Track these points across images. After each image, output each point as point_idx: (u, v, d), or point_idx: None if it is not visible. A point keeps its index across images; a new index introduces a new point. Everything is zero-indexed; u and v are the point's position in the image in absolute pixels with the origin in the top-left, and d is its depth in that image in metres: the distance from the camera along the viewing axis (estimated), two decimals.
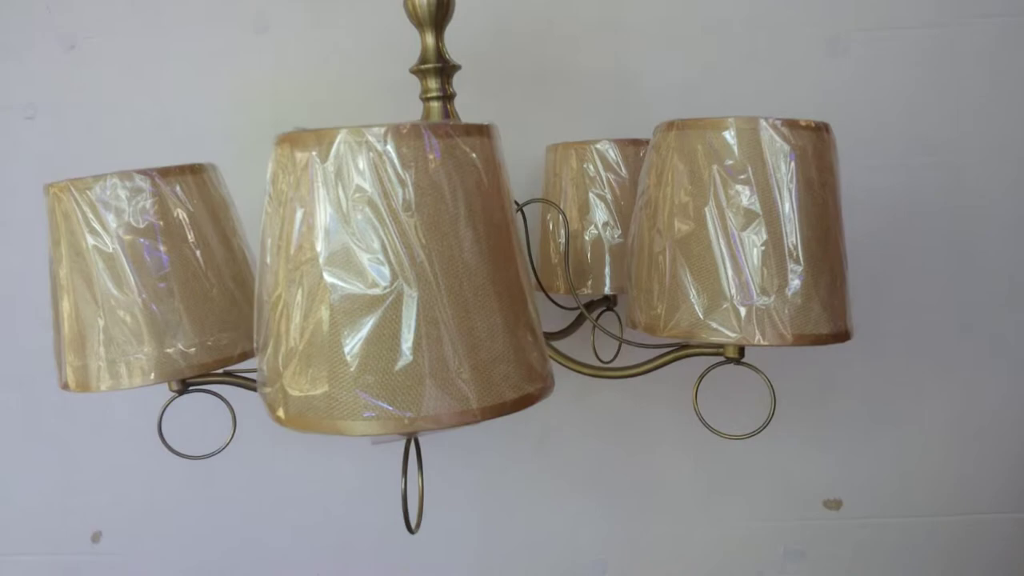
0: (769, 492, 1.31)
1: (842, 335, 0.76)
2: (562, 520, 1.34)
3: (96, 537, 1.37)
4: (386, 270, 0.54)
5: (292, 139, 0.56)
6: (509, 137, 1.23)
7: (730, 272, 0.73)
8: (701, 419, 0.83)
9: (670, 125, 0.78)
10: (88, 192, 0.76)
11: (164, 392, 0.82)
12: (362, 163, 0.54)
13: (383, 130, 0.54)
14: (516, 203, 1.00)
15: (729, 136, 0.73)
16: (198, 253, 0.80)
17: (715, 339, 0.73)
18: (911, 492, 1.32)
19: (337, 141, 0.54)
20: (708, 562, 1.35)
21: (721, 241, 0.73)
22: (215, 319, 0.80)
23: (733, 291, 0.73)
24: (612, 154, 1.04)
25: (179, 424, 0.90)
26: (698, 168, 0.74)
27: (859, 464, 1.31)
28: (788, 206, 0.73)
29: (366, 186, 0.54)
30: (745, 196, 0.73)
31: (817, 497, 1.32)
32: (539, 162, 1.16)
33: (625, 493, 1.33)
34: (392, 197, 0.54)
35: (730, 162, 0.73)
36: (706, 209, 0.74)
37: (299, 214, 0.56)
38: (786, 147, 0.73)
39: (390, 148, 0.54)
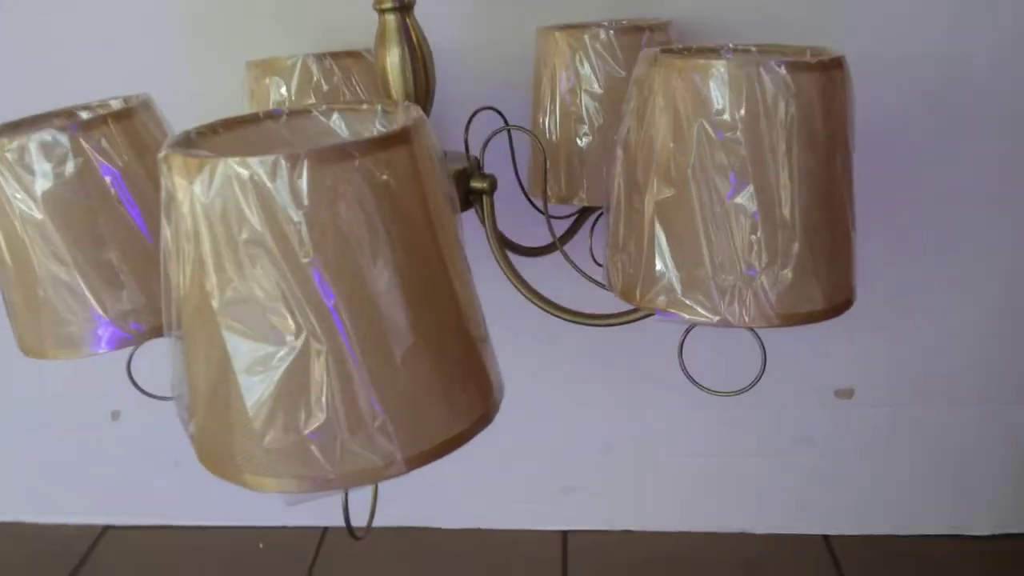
0: (779, 380, 1.27)
1: (841, 306, 0.68)
2: (565, 401, 1.33)
3: (115, 416, 1.41)
4: (288, 322, 0.47)
5: (171, 161, 0.48)
6: (498, 12, 1.10)
7: (713, 244, 0.64)
8: (688, 376, 0.77)
9: (654, 59, 0.66)
10: (4, 153, 0.69)
11: None
12: (250, 200, 0.46)
13: (269, 161, 0.45)
14: (501, 114, 0.90)
15: (717, 82, 0.62)
16: (135, 212, 0.73)
17: (693, 317, 0.66)
18: (930, 382, 1.27)
19: (217, 175, 0.46)
20: (713, 444, 1.34)
21: (705, 209, 0.63)
22: None
23: (715, 266, 0.64)
24: (608, 45, 0.91)
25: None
26: (681, 120, 0.63)
27: (875, 355, 1.25)
28: (784, 169, 0.62)
29: (256, 227, 0.46)
30: (734, 157, 0.62)
31: (829, 387, 1.28)
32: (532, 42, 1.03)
33: (629, 376, 1.30)
34: (288, 239, 0.46)
35: (718, 115, 0.62)
36: (689, 171, 0.64)
37: (187, 250, 0.49)
38: (786, 94, 0.61)
39: (280, 183, 0.45)
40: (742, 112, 0.61)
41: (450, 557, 1.38)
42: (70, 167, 0.69)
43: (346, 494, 0.59)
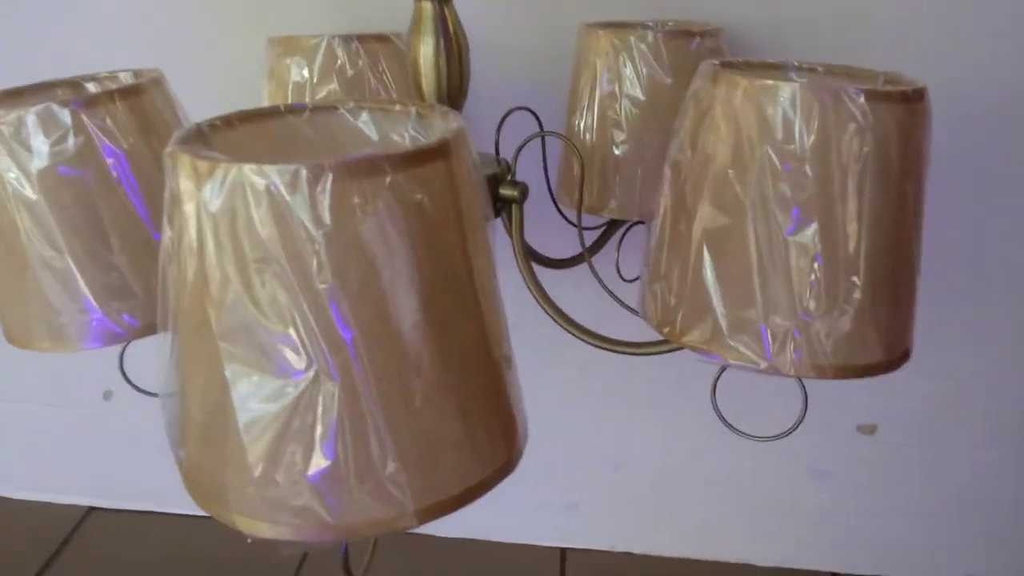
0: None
1: (898, 360, 0.62)
2: (577, 415, 1.27)
3: (108, 395, 1.36)
4: (298, 354, 0.42)
5: (178, 160, 0.42)
6: (535, 5, 1.03)
7: (768, 283, 0.58)
8: (721, 417, 0.71)
9: (716, 74, 0.60)
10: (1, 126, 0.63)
11: None
12: (264, 214, 0.40)
13: (289, 172, 0.39)
14: (535, 114, 0.84)
15: (787, 106, 0.56)
16: (137, 199, 0.67)
17: (738, 362, 0.60)
18: (956, 424, 1.21)
19: (229, 182, 0.40)
20: (726, 471, 1.29)
21: (761, 244, 0.58)
22: None
23: (768, 307, 0.58)
24: (655, 48, 0.85)
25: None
26: (743, 144, 0.57)
27: (902, 391, 1.19)
28: (853, 205, 0.56)
29: (269, 244, 0.40)
30: (799, 190, 0.56)
31: (851, 421, 1.23)
32: (573, 38, 0.96)
33: (642, 401, 1.25)
34: (304, 260, 0.41)
35: (785, 143, 0.56)
36: (747, 200, 0.58)
37: (190, 262, 0.43)
38: (862, 126, 0.55)
39: (299, 198, 0.40)
40: (812, 141, 0.55)
41: (443, 566, 1.33)
42: (70, 145, 0.64)
43: (346, 543, 0.54)
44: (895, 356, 0.61)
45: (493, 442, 0.48)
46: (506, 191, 0.75)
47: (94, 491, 1.44)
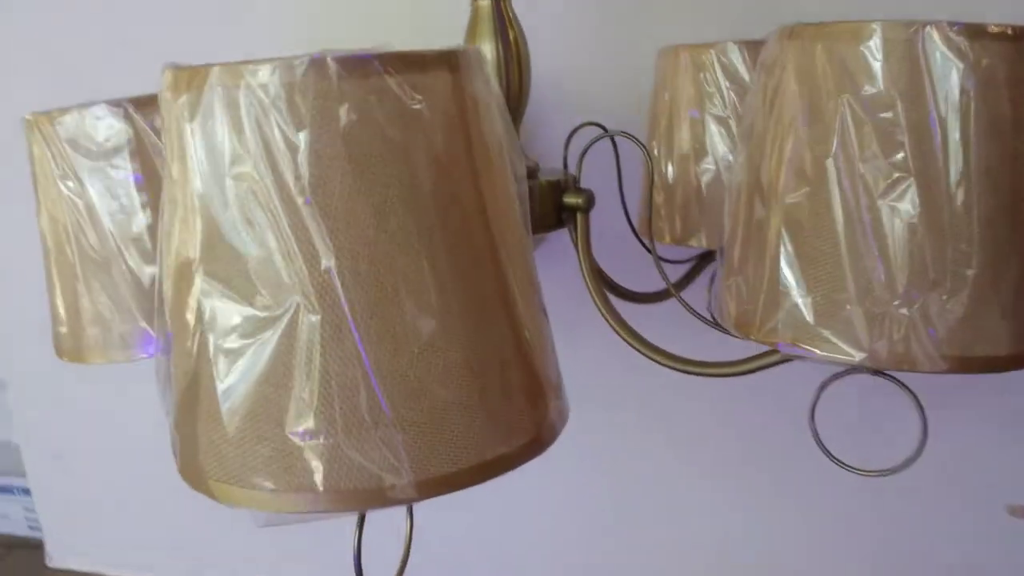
0: (936, 493, 1.05)
1: None
2: (693, 513, 1.15)
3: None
4: (277, 283, 0.37)
5: (164, 80, 0.39)
6: (608, 38, 1.00)
7: (859, 258, 0.49)
8: (821, 446, 0.61)
9: (789, 32, 0.53)
10: (55, 127, 0.64)
11: None
12: (242, 119, 0.36)
13: (270, 69, 0.35)
14: (604, 129, 0.79)
15: (871, 51, 0.48)
16: None
17: (830, 355, 0.50)
18: None
19: (207, 86, 0.36)
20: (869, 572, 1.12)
21: (849, 211, 0.49)
22: None
23: (861, 288, 0.49)
24: (738, 61, 0.79)
25: None
26: (821, 98, 0.50)
27: None
28: (958, 160, 0.47)
29: (245, 154, 0.36)
30: (890, 144, 0.48)
31: (999, 497, 1.05)
32: (648, 72, 0.92)
33: (759, 488, 1.11)
34: (282, 172, 0.36)
35: (871, 90, 0.48)
36: (828, 161, 0.50)
37: (173, 193, 0.39)
38: (961, 67, 0.47)
39: (277, 97, 0.35)
40: (902, 85, 0.47)
41: None
42: (121, 143, 0.63)
43: (359, 534, 0.47)
44: None
45: (514, 411, 0.41)
46: (570, 198, 0.69)
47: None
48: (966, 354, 0.48)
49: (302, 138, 0.35)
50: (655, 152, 0.84)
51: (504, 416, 0.40)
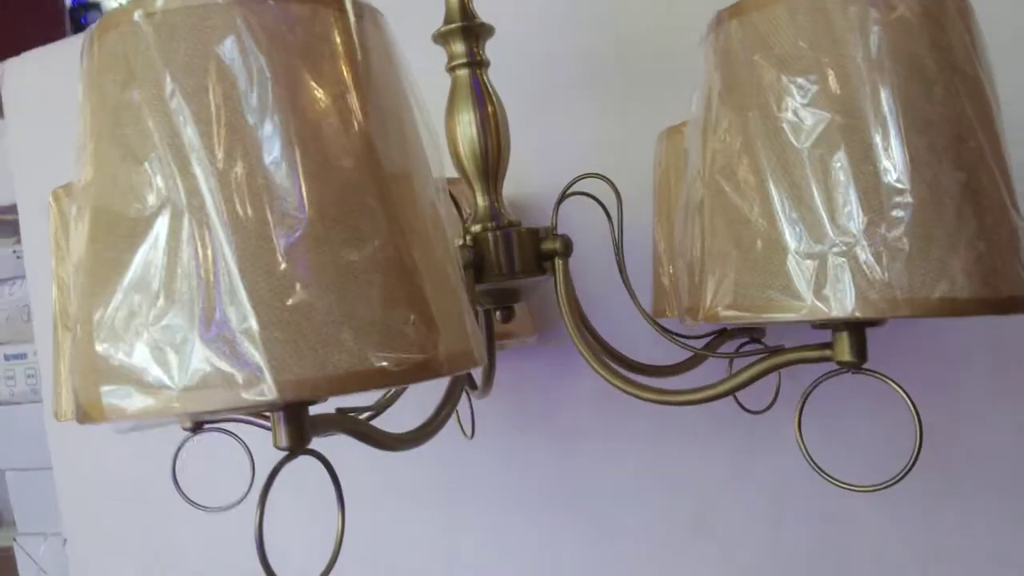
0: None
1: (1006, 303, 0.45)
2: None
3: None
4: (144, 178, 0.38)
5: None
6: (608, 126, 1.02)
7: (787, 208, 0.47)
8: (809, 460, 0.55)
9: (713, 22, 0.55)
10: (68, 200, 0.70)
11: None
12: (128, 48, 0.40)
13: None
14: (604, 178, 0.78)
15: (782, 16, 0.49)
16: None
17: (773, 316, 0.47)
18: None
19: (110, 24, 0.41)
20: None
21: (773, 163, 0.48)
22: None
23: (794, 236, 0.46)
24: None
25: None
26: (734, 64, 0.50)
27: None
28: (877, 96, 0.46)
29: (129, 77, 0.39)
30: (803, 92, 0.47)
31: None
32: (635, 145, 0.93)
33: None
34: (158, 83, 0.39)
35: (781, 51, 0.48)
36: (749, 116, 0.49)
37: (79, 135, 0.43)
38: (873, 15, 0.47)
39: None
40: (811, 39, 0.47)
41: None
42: None
43: (259, 520, 0.44)
44: (997, 296, 0.45)
45: (394, 329, 0.39)
46: (548, 244, 0.70)
47: None
48: (918, 295, 0.44)
49: (169, 51, 0.38)
50: (658, 231, 0.84)
51: (381, 330, 0.39)
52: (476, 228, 0.70)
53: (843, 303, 0.45)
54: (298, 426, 0.45)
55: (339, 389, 0.37)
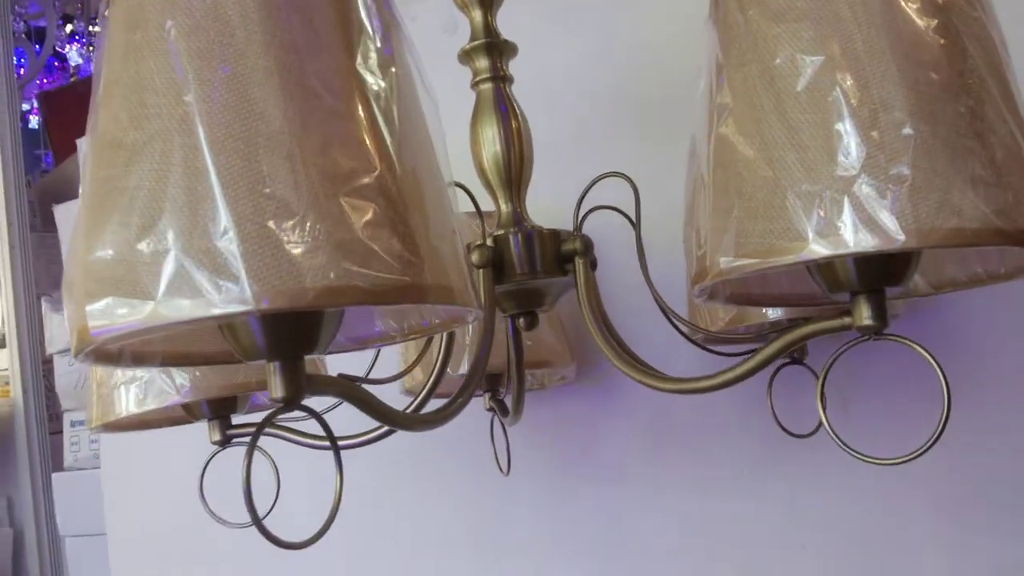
0: None
1: (1020, 233, 0.43)
2: None
3: None
4: (149, 111, 0.40)
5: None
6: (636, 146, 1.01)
7: (786, 150, 0.46)
8: (831, 431, 0.52)
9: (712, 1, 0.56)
10: None
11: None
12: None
13: None
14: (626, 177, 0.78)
15: None
16: None
17: (776, 260, 0.45)
18: None
19: None
20: None
21: (770, 109, 0.47)
22: None
23: (792, 178, 0.45)
24: None
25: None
26: (732, 27, 0.51)
27: None
28: (868, 33, 0.45)
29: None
30: (797, 38, 0.47)
31: None
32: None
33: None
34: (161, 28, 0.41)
35: (775, 5, 0.49)
36: (742, 72, 0.49)
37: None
38: None
39: None
40: None
41: None
42: None
43: (247, 468, 0.44)
44: (1016, 226, 0.43)
45: (372, 248, 0.39)
46: (568, 245, 0.70)
47: None
48: (925, 225, 0.42)
49: None
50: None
51: (361, 250, 0.39)
52: (499, 232, 0.70)
53: (845, 239, 0.43)
54: (293, 377, 0.45)
55: (315, 302, 0.37)
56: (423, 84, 0.48)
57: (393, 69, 0.44)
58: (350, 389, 0.50)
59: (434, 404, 0.62)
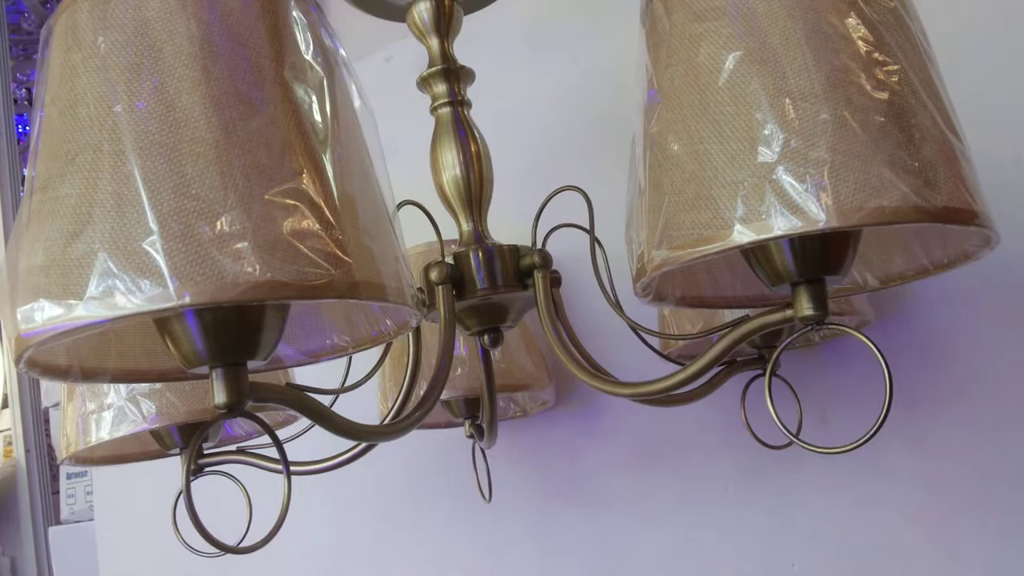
0: None
1: (952, 213, 0.44)
2: None
3: None
4: (82, 124, 0.42)
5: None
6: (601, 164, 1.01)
7: (709, 142, 0.47)
8: (777, 419, 0.52)
9: (643, 6, 0.57)
10: None
11: None
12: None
13: None
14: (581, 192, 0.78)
15: None
16: None
17: (703, 250, 0.46)
18: None
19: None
20: None
21: (695, 105, 0.48)
22: None
23: (714, 170, 0.46)
24: None
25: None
26: (659, 32, 0.52)
27: None
28: (788, 28, 0.47)
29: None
30: (717, 35, 0.48)
31: None
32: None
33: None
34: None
35: (697, 6, 0.50)
36: (672, 71, 0.50)
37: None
38: None
39: None
40: None
41: None
42: None
43: (186, 482, 0.45)
44: (937, 205, 0.43)
45: (294, 247, 0.40)
46: (527, 260, 0.70)
47: None
48: (848, 205, 0.43)
49: None
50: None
51: (285, 248, 0.40)
52: (460, 250, 0.71)
53: (769, 224, 0.44)
54: (235, 383, 0.46)
55: (240, 297, 0.38)
56: (358, 92, 0.49)
57: (323, 80, 0.46)
58: (296, 398, 0.50)
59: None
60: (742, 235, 0.44)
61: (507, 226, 0.81)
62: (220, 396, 0.45)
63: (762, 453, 0.80)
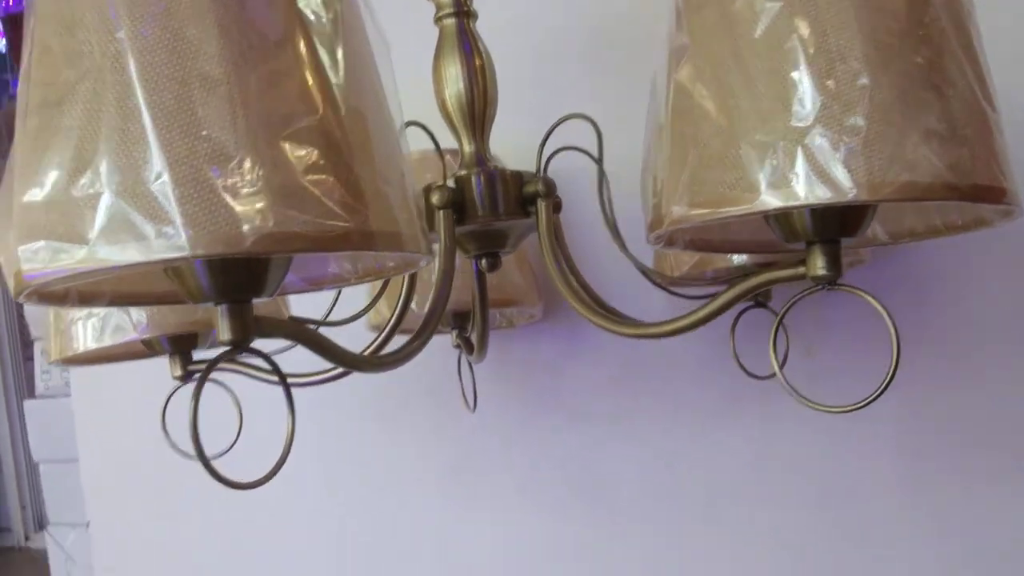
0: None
1: (981, 191, 0.43)
2: None
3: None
4: (82, 49, 0.39)
5: None
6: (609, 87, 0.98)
7: (742, 98, 0.45)
8: (784, 380, 0.52)
9: None
10: None
11: None
12: None
13: None
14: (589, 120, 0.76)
15: None
16: None
17: (728, 210, 0.45)
18: None
19: None
20: None
21: (727, 55, 0.46)
22: None
23: (745, 128, 0.45)
24: None
25: None
26: None
27: None
28: None
29: None
30: None
31: None
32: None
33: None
34: None
35: None
36: (704, 15, 0.48)
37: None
38: None
39: None
40: None
41: None
42: None
43: (194, 412, 0.44)
44: (969, 183, 0.43)
45: (312, 195, 0.39)
46: (530, 187, 0.69)
47: None
48: (876, 179, 0.42)
49: None
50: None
51: (301, 196, 0.38)
52: (461, 172, 0.69)
53: (797, 192, 0.43)
54: (241, 320, 0.45)
55: (253, 249, 0.37)
56: (373, 24, 0.46)
57: (338, 6, 0.43)
58: (301, 332, 0.49)
59: (400, 340, 0.62)
60: (769, 200, 0.43)
61: (510, 145, 0.79)
62: (226, 333, 0.44)
63: (745, 382, 0.81)
